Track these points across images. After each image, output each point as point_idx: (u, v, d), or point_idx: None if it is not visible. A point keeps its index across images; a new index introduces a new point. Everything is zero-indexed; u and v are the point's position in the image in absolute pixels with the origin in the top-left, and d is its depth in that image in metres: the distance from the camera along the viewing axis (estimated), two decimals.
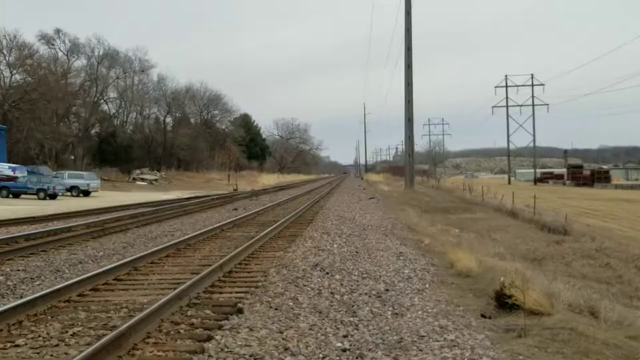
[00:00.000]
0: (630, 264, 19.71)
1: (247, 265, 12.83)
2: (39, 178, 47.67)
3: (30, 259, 13.91)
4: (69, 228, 20.19)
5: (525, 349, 7.15)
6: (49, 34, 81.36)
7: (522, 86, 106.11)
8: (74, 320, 7.95)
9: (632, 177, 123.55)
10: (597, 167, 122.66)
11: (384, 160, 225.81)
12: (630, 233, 27.96)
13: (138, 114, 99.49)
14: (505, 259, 16.65)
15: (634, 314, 11.20)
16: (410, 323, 8.20)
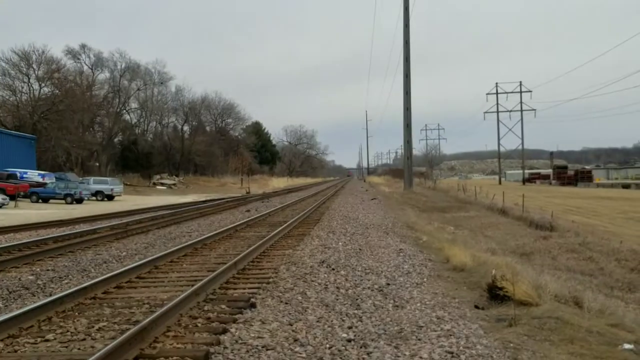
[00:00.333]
0: (611, 257, 19.69)
1: (259, 262, 12.83)
2: (66, 184, 47.76)
3: (58, 260, 13.95)
4: (94, 230, 20.24)
5: (516, 337, 7.15)
6: (75, 49, 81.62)
7: (511, 93, 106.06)
8: (99, 316, 7.97)
9: (613, 177, 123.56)
10: (580, 168, 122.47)
11: (384, 164, 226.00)
12: (611, 228, 27.91)
13: (158, 123, 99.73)
14: (497, 253, 16.64)
15: (615, 303, 11.21)
16: (410, 314, 8.20)
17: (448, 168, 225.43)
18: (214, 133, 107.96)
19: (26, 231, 21.69)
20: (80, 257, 14.44)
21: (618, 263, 18.80)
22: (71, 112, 69.68)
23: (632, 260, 19.08)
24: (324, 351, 6.40)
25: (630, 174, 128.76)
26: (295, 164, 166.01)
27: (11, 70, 69.16)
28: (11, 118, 67.88)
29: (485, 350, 6.55)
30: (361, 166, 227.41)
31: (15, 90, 70.43)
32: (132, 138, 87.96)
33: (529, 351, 6.62)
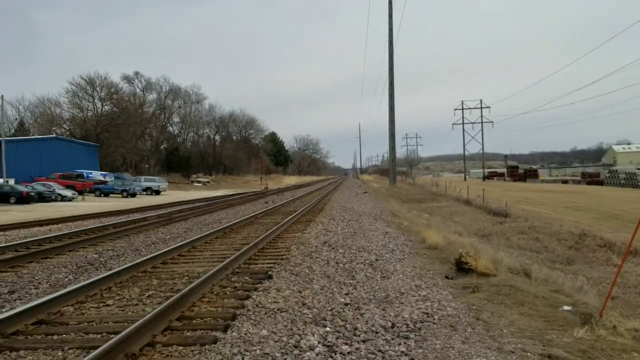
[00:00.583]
0: (553, 237, 19.63)
1: (275, 243, 12.81)
2: (122, 181, 47.94)
3: (116, 241, 13.96)
4: (145, 218, 20.25)
5: (478, 300, 7.14)
6: (129, 76, 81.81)
7: (474, 108, 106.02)
8: (149, 285, 7.98)
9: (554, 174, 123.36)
10: (528, 167, 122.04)
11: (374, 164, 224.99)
12: (553, 215, 27.81)
13: (195, 134, 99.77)
14: (463, 235, 16.59)
15: (556, 274, 11.17)
16: (394, 283, 8.18)
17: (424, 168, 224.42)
18: (239, 141, 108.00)
19: (91, 219, 21.73)
20: (134, 239, 14.45)
21: (559, 242, 18.74)
22: (126, 125, 69.94)
23: (569, 240, 19.02)
24: (326, 313, 6.38)
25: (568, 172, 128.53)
26: (304, 165, 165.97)
27: (80, 93, 69.53)
28: (79, 130, 68.11)
29: (453, 311, 6.53)
30: (356, 167, 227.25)
31: (83, 108, 70.81)
32: (174, 145, 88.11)
33: (489, 312, 6.60)
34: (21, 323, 5.77)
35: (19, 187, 35.38)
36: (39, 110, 71.01)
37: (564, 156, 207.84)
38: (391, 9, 50.82)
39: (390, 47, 50.84)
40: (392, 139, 52.78)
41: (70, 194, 38.92)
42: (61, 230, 16.51)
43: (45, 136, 58.14)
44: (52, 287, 8.23)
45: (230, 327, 5.70)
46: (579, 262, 15.79)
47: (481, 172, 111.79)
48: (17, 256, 10.93)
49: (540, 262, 13.54)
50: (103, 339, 5.29)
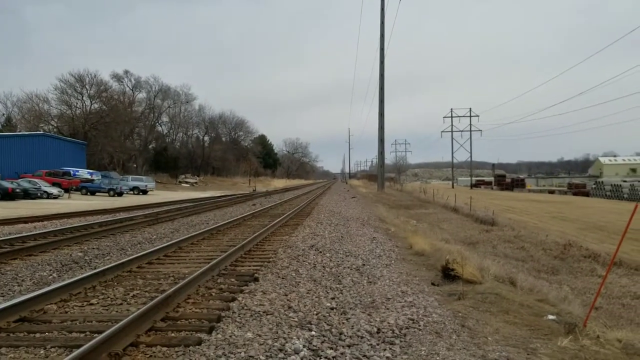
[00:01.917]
0: (538, 247, 19.77)
1: (262, 245, 12.77)
2: (109, 180, 47.61)
3: (102, 240, 13.85)
4: (131, 217, 20.11)
5: (463, 308, 7.16)
6: (119, 74, 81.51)
7: (462, 117, 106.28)
8: (134, 285, 7.92)
9: (541, 184, 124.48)
10: (516, 177, 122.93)
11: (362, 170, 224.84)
12: (539, 224, 28.02)
13: (184, 134, 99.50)
14: (449, 242, 16.66)
15: (541, 283, 11.27)
16: (380, 289, 8.19)
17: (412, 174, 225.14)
18: (228, 143, 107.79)
19: (77, 217, 21.54)
20: (120, 238, 14.34)
21: (544, 252, 18.87)
22: (115, 124, 69.58)
23: (555, 249, 19.15)
24: (312, 317, 6.36)
25: (554, 182, 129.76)
26: (292, 168, 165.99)
27: (68, 90, 69.06)
28: (67, 127, 67.62)
29: (439, 318, 6.55)
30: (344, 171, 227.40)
31: (71, 105, 70.35)
32: (163, 145, 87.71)
33: (474, 319, 6.63)
34: (3, 320, 5.70)
35: (4, 184, 34.99)
36: (27, 107, 70.40)
37: (551, 166, 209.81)
38: (383, 16, 51.05)
39: (381, 53, 51.04)
40: (381, 144, 52.94)
41: (56, 191, 38.56)
42: (46, 228, 16.34)
43: (33, 132, 57.69)
44: (36, 285, 8.14)
45: (215, 328, 5.67)
46: (564, 272, 15.91)
47: (469, 179, 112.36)
48: (1, 253, 10.80)
49: (525, 271, 13.65)
50: (86, 338, 5.24)
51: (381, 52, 51.06)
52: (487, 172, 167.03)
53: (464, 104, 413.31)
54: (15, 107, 72.07)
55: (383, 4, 50.89)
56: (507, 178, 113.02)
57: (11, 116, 71.84)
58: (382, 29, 51.02)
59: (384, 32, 51.01)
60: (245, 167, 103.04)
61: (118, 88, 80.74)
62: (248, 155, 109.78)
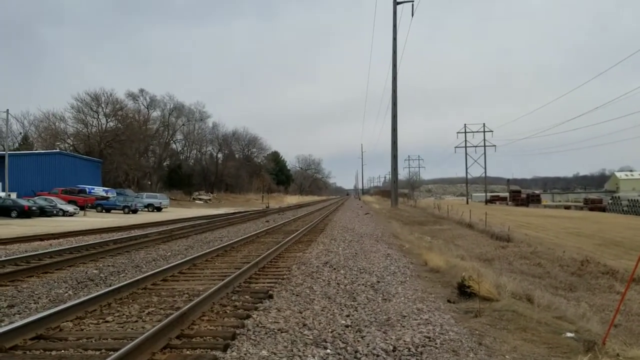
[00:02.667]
0: (555, 263, 19.55)
1: (275, 262, 12.75)
2: (124, 198, 48.04)
3: (117, 257, 13.93)
4: (146, 235, 20.22)
5: (480, 325, 7.08)
6: (134, 92, 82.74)
7: (476, 132, 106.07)
8: (149, 302, 7.93)
9: (557, 200, 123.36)
10: (531, 192, 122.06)
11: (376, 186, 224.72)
12: (555, 240, 27.73)
13: (197, 151, 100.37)
14: (465, 259, 16.52)
15: (559, 300, 11.11)
16: (396, 306, 8.12)
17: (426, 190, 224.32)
18: (241, 160, 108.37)
19: (92, 234, 21.71)
20: (134, 255, 14.41)
21: (561, 268, 18.65)
22: (130, 141, 70.38)
23: (572, 266, 18.93)
24: (327, 334, 6.33)
25: (570, 197, 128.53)
26: (305, 184, 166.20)
27: (84, 108, 70.23)
28: (83, 145, 68.52)
29: (456, 336, 6.47)
30: (357, 187, 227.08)
31: (87, 123, 71.41)
32: (177, 163, 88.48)
33: (491, 337, 6.55)
34: (20, 337, 5.72)
35: (20, 201, 35.43)
36: (44, 125, 71.47)
37: (567, 182, 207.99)
38: (395, 32, 51.32)
39: (394, 69, 51.25)
40: (394, 160, 52.91)
41: (72, 209, 38.95)
42: (62, 245, 16.48)
43: (49, 151, 58.46)
44: (52, 302, 8.18)
45: (230, 346, 5.65)
46: (582, 289, 15.70)
47: (483, 195, 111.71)
48: (17, 270, 10.91)
49: (542, 288, 13.47)
50: (102, 355, 5.25)
51: (394, 68, 51.28)
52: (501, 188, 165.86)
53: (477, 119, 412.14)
54: (32, 125, 73.18)
55: (395, 21, 51.25)
56: (523, 193, 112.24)
57: (28, 135, 72.89)
58: (395, 45, 51.29)
59: (396, 48, 51.26)
60: (259, 184, 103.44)
61: (133, 106, 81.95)
62: (261, 172, 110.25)
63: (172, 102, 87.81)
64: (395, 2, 51.21)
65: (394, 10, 51.26)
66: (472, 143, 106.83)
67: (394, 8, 51.26)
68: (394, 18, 51.34)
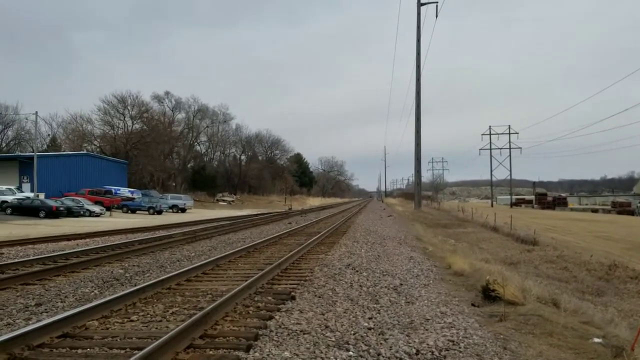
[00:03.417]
0: (582, 267, 19.21)
1: (298, 264, 12.77)
2: (149, 199, 48.62)
3: (142, 257, 14.09)
4: (170, 235, 20.42)
5: (505, 330, 6.99)
6: (160, 95, 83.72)
7: (501, 134, 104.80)
8: (173, 302, 8.00)
9: (584, 203, 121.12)
10: (557, 195, 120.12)
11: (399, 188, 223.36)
12: (582, 244, 27.24)
13: (221, 153, 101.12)
14: (489, 262, 16.32)
15: (586, 305, 10.91)
16: (419, 309, 8.06)
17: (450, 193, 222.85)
18: (264, 161, 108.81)
19: (118, 235, 22.01)
20: (159, 256, 14.57)
21: (588, 272, 18.31)
22: (155, 143, 71.16)
23: (599, 270, 18.57)
24: (349, 336, 6.31)
25: (598, 201, 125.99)
26: (328, 187, 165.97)
27: (111, 110, 71.28)
28: (109, 147, 69.56)
29: (480, 340, 6.40)
30: (380, 190, 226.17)
31: (114, 125, 72.50)
32: (201, 164, 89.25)
33: (516, 342, 6.45)
34: (47, 335, 5.82)
35: (48, 202, 36.10)
36: (71, 127, 72.82)
37: (594, 184, 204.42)
38: (419, 33, 51.04)
39: (417, 70, 51.01)
40: (418, 162, 52.61)
41: (98, 209, 39.55)
42: (88, 245, 16.75)
43: (76, 152, 59.45)
44: (78, 301, 8.31)
45: (252, 347, 5.67)
46: (610, 294, 15.39)
47: (508, 198, 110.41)
48: (45, 269, 11.11)
49: (569, 292, 13.25)
50: (126, 354, 5.30)
51: (417, 69, 51.05)
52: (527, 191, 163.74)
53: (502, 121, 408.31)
54: (60, 127, 74.72)
55: (419, 22, 51.00)
56: (549, 196, 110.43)
57: (56, 136, 74.38)
58: (418, 46, 51.00)
59: (420, 49, 50.97)
60: (281, 186, 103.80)
61: (158, 108, 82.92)
62: (284, 174, 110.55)
63: (197, 104, 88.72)
64: (419, 3, 50.97)
65: (418, 11, 51.04)
66: (497, 145, 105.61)
67: (417, 9, 51.03)
68: (418, 19, 51.13)
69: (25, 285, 9.71)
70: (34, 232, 22.33)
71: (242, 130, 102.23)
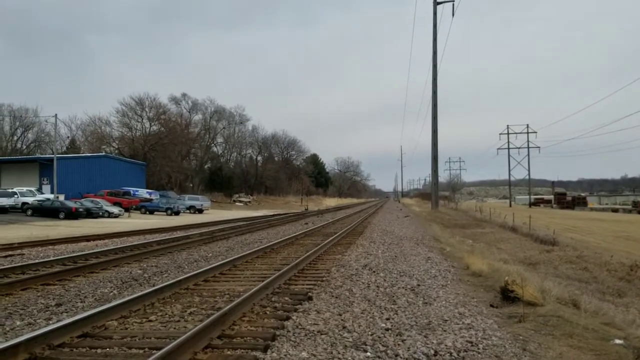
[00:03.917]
0: (602, 267, 18.94)
1: (315, 264, 12.76)
2: (167, 200, 48.99)
3: (160, 258, 14.20)
4: (188, 236, 20.54)
5: (524, 331, 6.92)
6: (177, 97, 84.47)
7: (519, 133, 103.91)
8: (190, 303, 8.04)
9: (604, 203, 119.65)
10: (577, 195, 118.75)
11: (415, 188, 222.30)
12: (602, 244, 26.87)
13: (238, 154, 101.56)
14: (508, 263, 16.17)
15: (607, 306, 10.76)
16: (437, 310, 8.01)
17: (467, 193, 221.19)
18: (280, 162, 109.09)
19: (136, 235, 22.20)
20: (177, 256, 14.66)
21: (609, 273, 18.06)
22: (173, 145, 71.73)
23: (620, 271, 18.31)
24: (367, 337, 6.29)
25: (618, 200, 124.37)
26: (344, 187, 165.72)
27: (129, 112, 72.05)
28: (128, 149, 70.21)
29: (499, 341, 6.34)
30: (397, 190, 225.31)
31: (132, 127, 73.30)
32: (218, 165, 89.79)
33: (536, 343, 6.38)
34: (67, 335, 5.89)
35: (68, 203, 36.56)
36: (90, 129, 73.76)
37: (614, 184, 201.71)
38: (435, 32, 50.79)
39: (434, 70, 50.73)
40: (434, 162, 52.32)
41: (117, 210, 39.95)
42: (107, 246, 16.92)
43: (95, 154, 60.11)
44: (97, 301, 8.40)
45: (270, 347, 5.68)
46: (631, 295, 15.15)
47: (527, 198, 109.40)
48: (65, 270, 11.24)
49: (589, 293, 13.07)
50: (145, 354, 5.34)
51: (434, 69, 50.77)
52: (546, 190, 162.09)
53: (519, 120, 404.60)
54: (79, 129, 75.70)
55: (435, 21, 50.75)
56: (568, 196, 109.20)
57: (75, 138, 75.35)
58: (435, 46, 50.75)
59: (436, 49, 50.72)
60: (297, 186, 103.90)
61: (176, 110, 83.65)
62: (300, 175, 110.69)
63: (213, 105, 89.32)
64: (436, 3, 50.71)
65: (434, 10, 50.77)
66: (515, 144, 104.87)
67: (434, 8, 50.77)
68: (434, 18, 50.85)
69: (45, 285, 9.84)
70: (53, 233, 22.63)
71: (258, 131, 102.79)
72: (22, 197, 38.88)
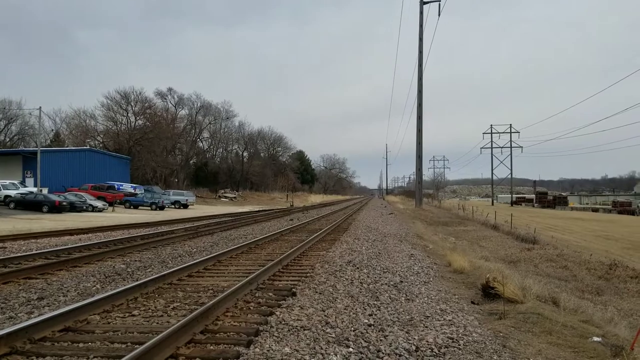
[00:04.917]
0: (582, 266, 19.16)
1: (299, 260, 12.76)
2: (152, 194, 48.61)
3: (144, 253, 14.10)
4: (172, 231, 20.43)
5: (504, 327, 6.98)
6: (163, 91, 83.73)
7: (503, 133, 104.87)
8: (174, 297, 8.01)
9: (584, 202, 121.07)
10: (558, 194, 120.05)
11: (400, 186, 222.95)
12: (582, 243, 27.21)
13: (224, 150, 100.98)
14: (489, 260, 16.30)
15: (585, 304, 10.88)
16: (419, 306, 8.06)
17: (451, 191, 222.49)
18: (266, 158, 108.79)
19: (120, 230, 22.02)
20: (161, 251, 14.58)
21: (588, 271, 18.28)
22: (158, 139, 71.21)
23: (599, 269, 18.54)
24: (349, 333, 6.31)
25: (598, 200, 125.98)
26: (329, 184, 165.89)
27: (114, 106, 71.31)
28: (112, 143, 69.57)
29: (479, 337, 6.39)
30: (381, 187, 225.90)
31: (117, 121, 72.54)
32: (203, 161, 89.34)
33: (515, 340, 6.45)
34: (49, 329, 5.83)
35: (51, 197, 36.13)
36: (75, 122, 72.89)
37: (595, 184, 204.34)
38: (422, 32, 50.94)
39: (419, 69, 50.88)
40: (419, 160, 52.53)
41: (101, 204, 39.58)
42: (91, 240, 16.77)
43: (79, 148, 59.44)
44: (80, 295, 8.32)
45: (253, 342, 5.68)
46: (609, 293, 15.36)
47: (509, 197, 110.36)
48: (47, 264, 11.12)
49: (569, 291, 13.23)
50: (128, 348, 5.31)
51: (419, 68, 50.92)
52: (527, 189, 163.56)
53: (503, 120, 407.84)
54: (64, 123, 74.71)
55: (421, 21, 50.85)
56: (549, 195, 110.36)
57: (59, 132, 74.39)
58: (421, 45, 50.91)
59: (422, 48, 50.89)
60: (283, 183, 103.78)
61: (161, 105, 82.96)
62: (286, 171, 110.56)
63: (200, 100, 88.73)
64: (422, 2, 50.86)
65: (421, 10, 50.90)
66: (498, 144, 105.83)
67: (420, 8, 50.91)
68: (420, 18, 50.97)
69: (27, 279, 9.73)
70: (36, 227, 22.37)
71: (244, 127, 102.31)
72: (4, 190, 38.36)
